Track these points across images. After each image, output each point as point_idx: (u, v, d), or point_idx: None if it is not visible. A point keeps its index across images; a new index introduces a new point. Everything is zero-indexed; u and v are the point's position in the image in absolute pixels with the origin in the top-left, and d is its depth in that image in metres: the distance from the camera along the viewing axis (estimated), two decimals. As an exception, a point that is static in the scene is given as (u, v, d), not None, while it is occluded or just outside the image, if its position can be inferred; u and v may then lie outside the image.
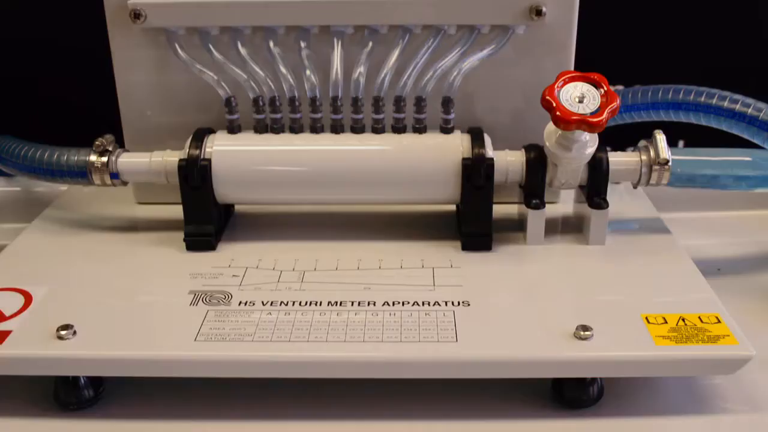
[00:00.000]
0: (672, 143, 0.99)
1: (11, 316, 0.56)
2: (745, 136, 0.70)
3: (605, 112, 0.60)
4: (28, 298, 0.58)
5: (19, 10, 0.87)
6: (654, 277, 0.61)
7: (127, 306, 0.57)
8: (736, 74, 0.94)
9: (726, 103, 0.69)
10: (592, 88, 0.62)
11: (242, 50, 0.66)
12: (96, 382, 0.55)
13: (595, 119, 0.60)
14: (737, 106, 0.69)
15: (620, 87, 0.76)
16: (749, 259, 0.78)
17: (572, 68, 0.70)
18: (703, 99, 0.70)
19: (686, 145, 1.00)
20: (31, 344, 0.53)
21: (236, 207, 0.72)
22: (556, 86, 0.61)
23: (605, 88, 0.62)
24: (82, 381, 0.54)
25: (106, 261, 0.64)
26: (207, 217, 0.65)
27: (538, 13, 0.65)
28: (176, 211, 0.67)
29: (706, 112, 0.70)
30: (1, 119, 0.80)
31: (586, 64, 0.69)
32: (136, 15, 0.65)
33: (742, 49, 0.97)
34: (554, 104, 0.60)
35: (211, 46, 0.67)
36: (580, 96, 0.61)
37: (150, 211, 0.73)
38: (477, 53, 0.66)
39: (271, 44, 0.66)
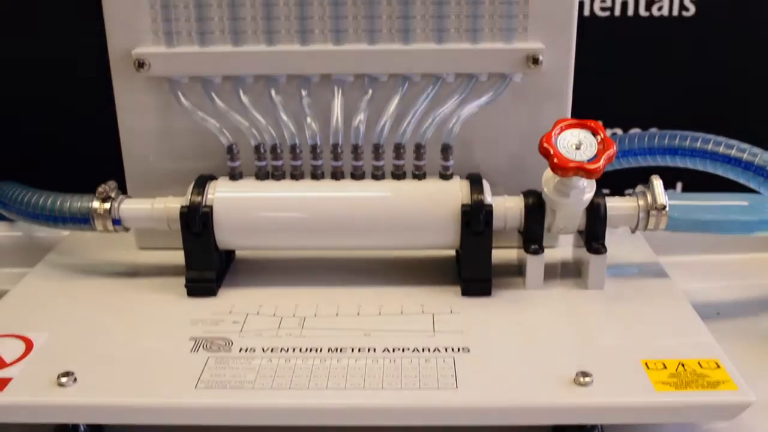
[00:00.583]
0: (670, 185, 1.01)
1: (12, 363, 0.56)
2: (741, 181, 0.71)
3: (602, 159, 0.61)
4: (28, 345, 0.58)
5: (23, 56, 0.88)
6: (653, 322, 0.61)
7: (127, 353, 0.57)
8: (731, 120, 0.95)
9: (722, 149, 0.70)
10: (589, 135, 0.63)
11: (244, 98, 0.67)
12: (96, 429, 0.55)
13: (593, 166, 0.61)
14: (733, 152, 0.70)
15: (618, 131, 0.77)
16: (748, 303, 0.78)
17: (569, 114, 0.71)
18: (698, 144, 0.71)
19: (684, 187, 1.01)
20: (32, 391, 0.53)
21: (237, 252, 0.73)
22: (553, 133, 0.62)
23: (602, 135, 0.62)
24: (82, 428, 0.54)
25: (107, 307, 0.65)
26: (208, 263, 0.66)
27: (535, 61, 0.66)
28: (177, 257, 0.67)
29: (702, 158, 0.71)
30: (5, 165, 0.81)
31: (583, 107, 0.71)
32: (140, 64, 0.66)
33: (738, 94, 0.98)
34: (552, 151, 0.61)
35: (213, 94, 0.68)
36: (577, 143, 0.62)
37: (151, 257, 0.73)
38: (475, 100, 0.67)
39: (273, 92, 0.67)
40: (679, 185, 1.03)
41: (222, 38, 0.67)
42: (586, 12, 0.97)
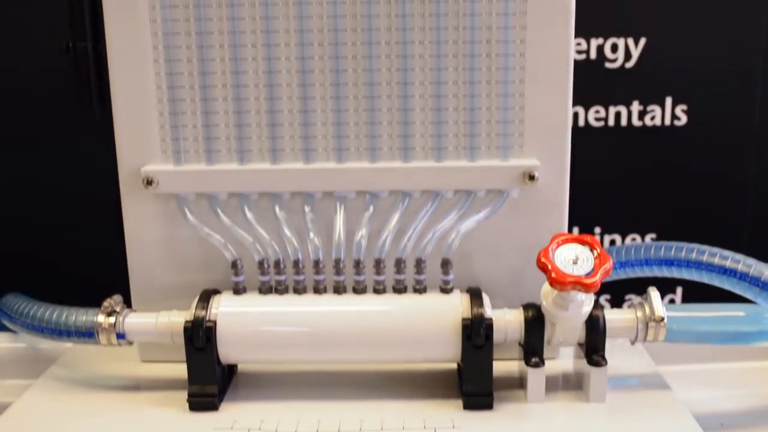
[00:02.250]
0: (671, 289, 1.01)
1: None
2: (737, 292, 0.72)
3: (599, 273, 0.62)
4: (31, 462, 0.58)
5: (31, 170, 0.91)
6: (656, 437, 0.61)
7: (129, 471, 0.57)
8: (727, 226, 0.97)
9: (717, 260, 0.71)
10: (586, 250, 0.64)
11: (249, 214, 0.69)
12: None
13: (590, 281, 0.62)
14: (728, 263, 0.71)
15: (616, 237, 0.79)
16: (752, 413, 0.78)
17: (566, 227, 0.72)
18: (694, 256, 0.72)
19: (684, 292, 1.02)
20: None
21: (239, 365, 0.73)
22: (550, 248, 0.63)
23: (598, 250, 0.64)
24: None
25: (109, 422, 0.65)
26: (211, 377, 0.66)
27: (531, 177, 0.68)
28: (180, 370, 0.67)
29: (698, 269, 0.72)
30: (9, 277, 0.82)
31: (581, 214, 0.72)
32: (149, 182, 0.69)
33: (733, 204, 1.00)
34: (549, 266, 0.62)
35: (219, 210, 0.69)
36: (574, 258, 0.63)
37: (154, 370, 0.73)
38: (474, 216, 0.69)
39: (277, 209, 0.69)
40: (679, 290, 1.04)
41: (228, 156, 0.69)
42: (581, 122, 1.00)
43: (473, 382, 0.65)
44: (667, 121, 1.01)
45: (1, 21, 0.81)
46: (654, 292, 0.69)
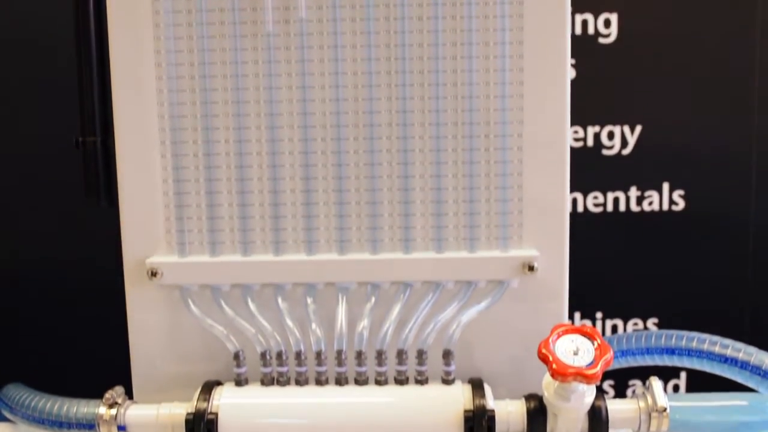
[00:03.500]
0: (674, 374, 1.01)
1: None
2: (739, 380, 0.72)
3: (600, 364, 0.63)
4: None
5: (36, 260, 0.92)
6: None
7: None
8: (729, 313, 0.97)
9: (717, 348, 0.72)
10: (586, 341, 0.64)
11: (251, 305, 0.70)
12: None
13: (591, 371, 0.62)
14: (728, 351, 0.71)
15: (617, 321, 0.79)
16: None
17: (566, 314, 0.73)
18: (695, 344, 0.72)
19: (688, 377, 1.02)
20: None
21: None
22: (551, 339, 0.64)
23: (599, 341, 0.64)
24: None
25: None
26: (212, 470, 0.66)
27: (531, 268, 0.69)
28: (181, 460, 0.67)
29: (699, 357, 0.72)
30: (10, 368, 0.82)
31: (583, 300, 0.73)
32: (153, 273, 0.69)
33: (733, 287, 1.01)
34: (550, 358, 0.62)
35: (222, 302, 0.70)
36: (575, 349, 0.63)
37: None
38: (475, 306, 0.69)
39: (279, 300, 0.70)
40: (683, 375, 1.04)
41: (232, 248, 0.70)
42: (580, 208, 1.01)
43: (476, 475, 0.65)
44: (665, 206, 1.03)
45: (14, 114, 0.83)
46: (656, 382, 0.69)
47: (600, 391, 0.66)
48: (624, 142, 1.01)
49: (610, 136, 1.01)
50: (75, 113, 0.72)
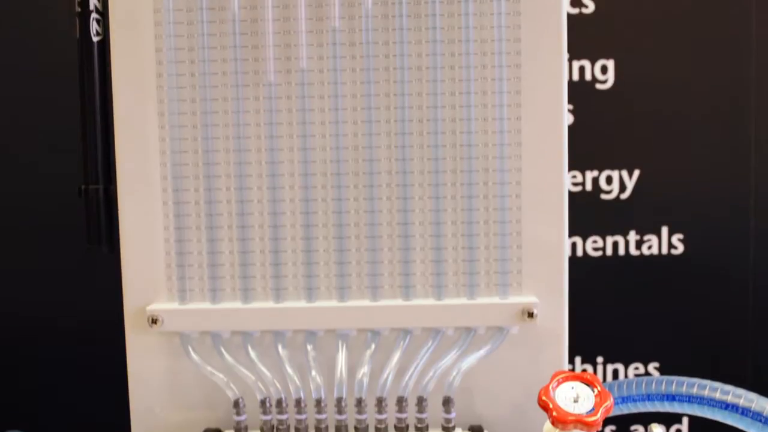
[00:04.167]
0: (677, 419, 1.00)
1: None
2: (740, 427, 0.71)
3: (600, 411, 0.62)
4: None
5: (37, 307, 0.92)
6: None
7: None
8: (730, 356, 0.97)
9: (718, 395, 0.71)
10: (586, 388, 0.64)
11: (252, 353, 0.70)
12: None
13: (591, 419, 0.62)
14: (729, 397, 0.71)
15: (618, 366, 0.79)
16: None
17: (566, 360, 0.73)
18: (695, 390, 0.72)
19: (691, 422, 1.01)
20: None
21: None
22: (551, 387, 0.64)
23: (599, 388, 0.64)
24: None
25: None
26: None
27: (530, 315, 0.69)
28: None
29: (700, 404, 0.72)
30: (9, 417, 0.82)
31: (583, 343, 0.73)
32: (154, 320, 0.70)
33: (734, 329, 1.01)
34: (551, 405, 0.62)
35: (222, 349, 0.70)
36: (575, 396, 0.63)
37: None
38: (475, 353, 0.69)
39: (280, 347, 0.70)
40: (685, 420, 1.03)
41: (232, 295, 0.70)
42: (579, 253, 1.02)
43: None
44: (664, 250, 1.03)
45: (20, 164, 0.84)
46: (658, 428, 0.69)
47: (601, 438, 0.66)
48: (622, 187, 1.02)
49: (609, 180, 1.02)
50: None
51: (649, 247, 1.02)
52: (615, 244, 1.02)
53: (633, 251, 1.02)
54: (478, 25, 0.68)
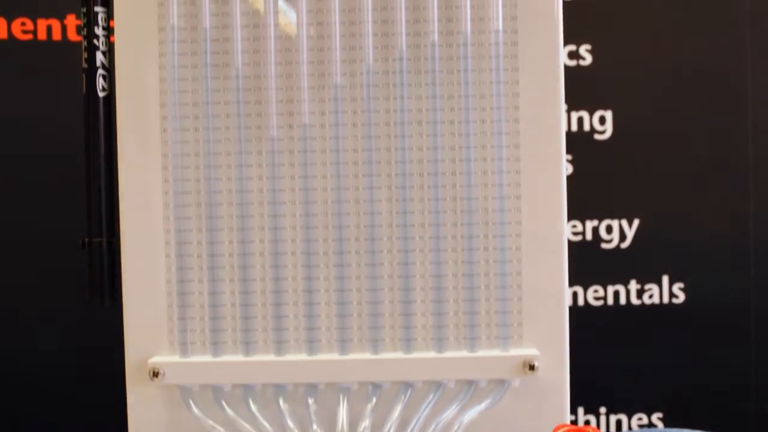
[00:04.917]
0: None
1: None
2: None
3: (603, 466, 0.62)
4: None
5: (36, 360, 0.92)
6: None
7: None
8: (733, 409, 0.96)
9: (722, 447, 0.71)
10: (589, 442, 0.64)
11: (252, 406, 0.70)
12: None
13: (594, 474, 0.62)
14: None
15: (622, 417, 0.79)
16: None
17: (568, 412, 0.72)
18: (698, 443, 0.72)
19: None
20: None
21: None
22: (553, 441, 0.63)
23: (601, 442, 0.64)
24: None
25: None
26: None
27: (531, 367, 0.69)
28: None
29: (704, 457, 0.72)
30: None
31: (587, 395, 0.72)
32: (155, 374, 0.70)
33: (735, 379, 1.00)
34: (553, 459, 0.62)
35: (223, 402, 0.70)
36: (577, 451, 0.63)
37: None
38: (476, 406, 0.69)
39: (281, 400, 0.70)
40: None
41: (234, 348, 0.71)
42: (581, 302, 1.02)
43: None
44: (666, 299, 1.03)
45: (23, 221, 0.85)
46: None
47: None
48: (622, 236, 1.02)
49: (609, 229, 1.02)
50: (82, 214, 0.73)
51: (650, 297, 1.02)
52: (616, 294, 1.02)
53: (634, 300, 1.02)
54: (476, 80, 0.69)
